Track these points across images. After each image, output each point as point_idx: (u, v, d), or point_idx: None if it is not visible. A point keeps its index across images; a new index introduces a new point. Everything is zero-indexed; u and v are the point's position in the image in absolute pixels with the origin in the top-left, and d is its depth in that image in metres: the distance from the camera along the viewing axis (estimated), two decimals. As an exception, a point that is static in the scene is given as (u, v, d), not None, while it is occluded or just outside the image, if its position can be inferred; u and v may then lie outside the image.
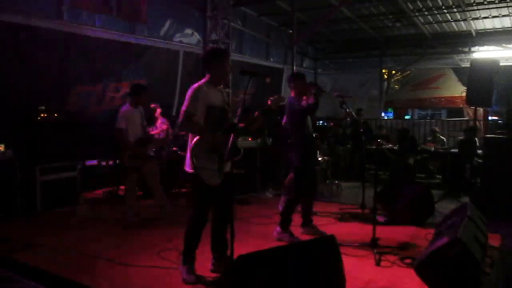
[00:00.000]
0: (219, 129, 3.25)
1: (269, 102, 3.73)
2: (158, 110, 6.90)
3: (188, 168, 3.31)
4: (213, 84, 3.42)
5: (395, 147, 8.65)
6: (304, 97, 4.59)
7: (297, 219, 4.80)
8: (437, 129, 9.91)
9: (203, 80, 3.43)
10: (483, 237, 3.59)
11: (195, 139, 3.24)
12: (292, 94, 4.61)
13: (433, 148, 8.75)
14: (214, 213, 3.52)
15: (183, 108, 3.27)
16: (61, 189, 5.74)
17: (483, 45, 11.61)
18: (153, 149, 5.40)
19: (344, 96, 4.77)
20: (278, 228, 4.51)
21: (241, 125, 3.54)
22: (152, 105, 6.70)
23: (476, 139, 7.91)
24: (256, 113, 3.49)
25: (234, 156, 3.27)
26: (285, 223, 4.50)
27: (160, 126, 6.87)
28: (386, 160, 8.29)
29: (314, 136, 4.87)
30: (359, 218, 5.45)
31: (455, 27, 11.07)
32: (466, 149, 7.45)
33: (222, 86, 3.58)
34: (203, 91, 3.31)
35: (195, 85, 3.35)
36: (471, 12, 9.67)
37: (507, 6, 9.10)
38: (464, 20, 10.29)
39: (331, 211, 5.69)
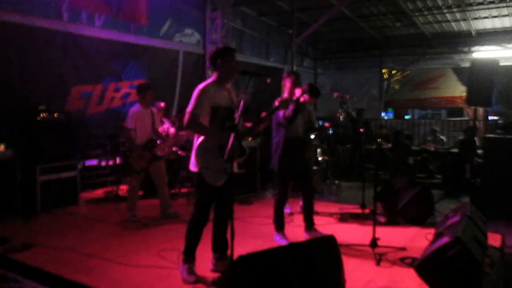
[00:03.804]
0: (224, 129, 3.23)
1: (276, 103, 3.71)
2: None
3: (192, 167, 3.31)
4: (220, 84, 3.39)
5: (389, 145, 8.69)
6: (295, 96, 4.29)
7: (299, 219, 4.81)
8: (437, 129, 9.91)
9: (210, 80, 3.42)
10: (483, 237, 3.59)
11: (200, 139, 3.24)
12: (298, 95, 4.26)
13: (433, 148, 8.75)
14: (215, 212, 3.53)
15: (188, 108, 3.26)
16: (61, 189, 5.73)
17: (483, 45, 11.64)
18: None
19: (344, 96, 4.74)
20: (275, 231, 4.49)
21: (248, 125, 3.55)
22: (162, 104, 6.65)
23: (476, 139, 7.92)
24: (264, 113, 3.48)
25: (239, 156, 3.27)
26: (276, 224, 4.47)
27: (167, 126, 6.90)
28: (386, 160, 8.29)
29: (305, 138, 4.58)
30: (359, 218, 5.45)
31: (455, 27, 11.08)
32: (466, 149, 7.45)
33: (229, 85, 3.51)
34: (208, 91, 3.29)
35: (201, 85, 3.33)
36: (471, 12, 9.68)
37: (507, 6, 9.11)
38: (464, 20, 10.30)
39: (331, 211, 5.69)
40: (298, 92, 4.21)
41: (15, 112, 5.74)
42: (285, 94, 4.38)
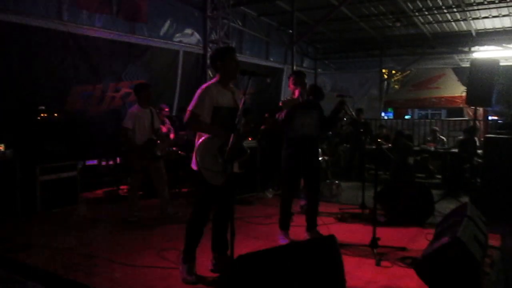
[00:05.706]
0: (225, 129, 3.22)
1: (280, 104, 3.72)
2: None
3: (193, 166, 3.32)
4: (222, 84, 3.39)
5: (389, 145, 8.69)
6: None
7: (299, 219, 4.80)
8: (437, 129, 9.91)
9: (213, 80, 3.43)
10: (483, 237, 3.59)
11: (201, 139, 3.24)
12: (296, 95, 4.23)
13: (433, 148, 8.75)
14: (215, 212, 3.53)
15: (190, 107, 3.27)
16: (61, 189, 5.73)
17: (483, 45, 11.61)
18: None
19: (344, 96, 4.73)
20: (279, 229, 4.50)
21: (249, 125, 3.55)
22: (166, 109, 6.73)
23: (476, 139, 7.91)
24: (266, 114, 3.48)
25: (239, 156, 3.27)
26: (281, 223, 4.48)
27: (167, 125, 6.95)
28: (386, 160, 8.29)
29: (313, 136, 4.49)
30: (359, 218, 5.45)
31: (455, 27, 11.07)
32: (466, 149, 7.45)
33: (232, 86, 3.50)
34: (211, 91, 3.29)
35: (204, 85, 3.35)
36: (471, 12, 9.67)
37: (507, 6, 9.10)
38: (464, 20, 10.29)
39: (331, 211, 5.69)
40: (297, 92, 4.21)
41: (15, 112, 5.74)
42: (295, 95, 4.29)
